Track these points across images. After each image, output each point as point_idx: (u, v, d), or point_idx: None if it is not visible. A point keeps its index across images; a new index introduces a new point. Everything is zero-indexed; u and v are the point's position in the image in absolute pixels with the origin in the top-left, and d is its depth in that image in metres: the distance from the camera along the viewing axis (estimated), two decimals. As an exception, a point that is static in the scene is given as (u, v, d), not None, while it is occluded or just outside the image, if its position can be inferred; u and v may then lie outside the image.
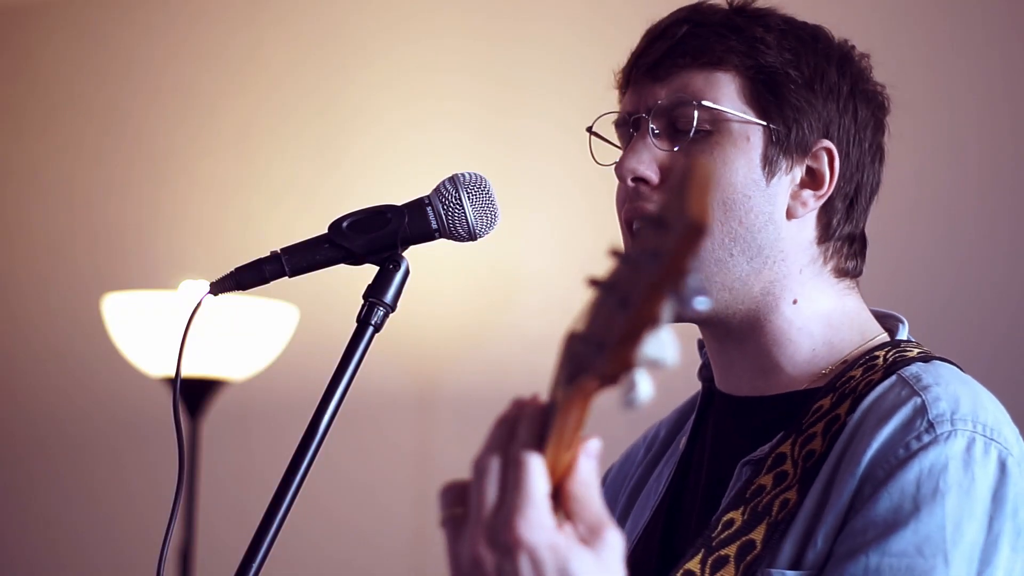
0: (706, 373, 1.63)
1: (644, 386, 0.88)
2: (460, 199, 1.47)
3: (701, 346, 1.64)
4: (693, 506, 1.55)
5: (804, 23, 1.57)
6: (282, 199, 4.03)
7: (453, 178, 1.48)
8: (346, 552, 3.83)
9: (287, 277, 1.47)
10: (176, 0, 4.33)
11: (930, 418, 1.38)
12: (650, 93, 1.54)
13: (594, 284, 0.90)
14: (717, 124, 1.51)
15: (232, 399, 3.80)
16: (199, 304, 1.46)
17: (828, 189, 1.53)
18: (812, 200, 1.53)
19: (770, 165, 1.51)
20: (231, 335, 3.46)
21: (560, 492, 0.94)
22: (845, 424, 1.42)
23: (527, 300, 3.69)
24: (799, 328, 1.53)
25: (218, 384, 3.52)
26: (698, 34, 1.52)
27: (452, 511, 0.97)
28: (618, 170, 1.54)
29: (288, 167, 4.07)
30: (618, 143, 1.60)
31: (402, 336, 3.62)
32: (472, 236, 1.49)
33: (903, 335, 1.56)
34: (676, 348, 0.86)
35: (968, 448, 1.37)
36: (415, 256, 1.48)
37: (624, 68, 1.59)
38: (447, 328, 3.75)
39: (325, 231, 1.47)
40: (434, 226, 1.47)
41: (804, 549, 1.39)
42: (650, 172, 1.51)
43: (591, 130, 1.60)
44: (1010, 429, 1.42)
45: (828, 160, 1.53)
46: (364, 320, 1.45)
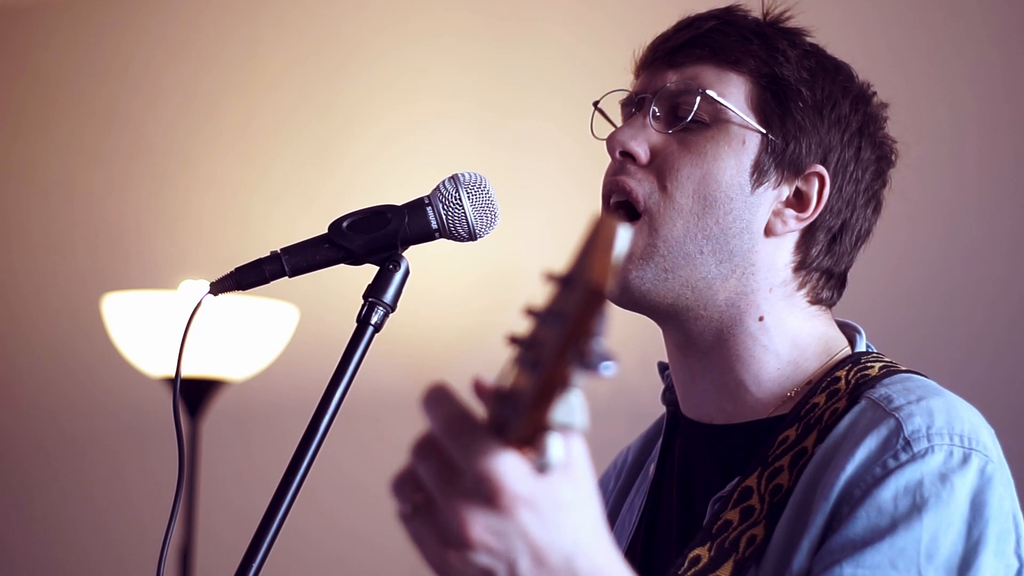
0: (670, 396, 1.62)
1: (555, 450, 0.88)
2: (460, 199, 1.47)
3: (663, 369, 1.63)
4: (669, 541, 1.54)
5: (832, 56, 1.58)
6: (282, 199, 4.03)
7: (453, 178, 1.48)
8: (346, 552, 3.83)
9: (287, 277, 1.47)
10: (176, 0, 4.33)
11: (906, 435, 1.37)
12: (661, 76, 1.54)
13: (513, 341, 0.90)
14: (717, 119, 1.51)
15: (232, 399, 3.80)
16: (199, 304, 1.46)
17: (812, 214, 1.52)
18: (793, 221, 1.52)
19: (759, 173, 1.51)
20: (231, 335, 3.46)
21: None
22: (813, 456, 1.41)
23: (527, 300, 3.68)
24: (764, 346, 1.51)
25: (218, 384, 3.52)
26: (724, 31, 1.53)
27: (412, 498, 0.95)
28: (608, 141, 1.54)
29: (288, 167, 4.07)
30: (618, 122, 1.60)
31: (402, 336, 3.62)
32: (472, 236, 1.49)
33: (861, 346, 1.55)
34: (585, 413, 0.86)
35: (946, 461, 1.36)
36: (415, 256, 1.48)
37: (645, 50, 1.59)
38: (447, 328, 3.75)
39: (325, 231, 1.47)
40: (434, 226, 1.47)
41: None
42: (639, 149, 1.52)
43: (597, 104, 1.61)
44: (987, 434, 1.41)
45: (819, 186, 1.53)
46: (364, 320, 1.45)
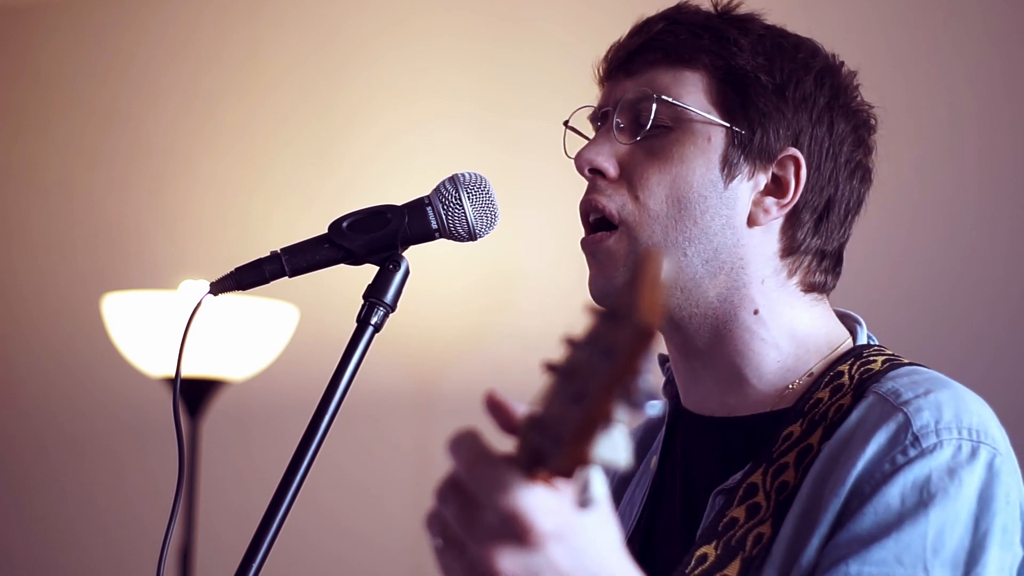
0: (671, 390, 1.61)
1: (598, 486, 0.89)
2: (460, 199, 1.47)
3: (663, 361, 1.62)
4: (671, 535, 1.53)
5: (791, 34, 1.56)
6: (282, 199, 4.03)
7: (453, 178, 1.48)
8: (346, 552, 3.83)
9: (287, 277, 1.47)
10: (176, 0, 4.33)
11: (915, 431, 1.37)
12: (620, 88, 1.54)
13: (551, 369, 0.90)
14: (678, 121, 1.50)
15: (232, 399, 3.80)
16: (199, 304, 1.46)
17: (792, 198, 1.51)
18: (775, 208, 1.51)
19: (730, 167, 1.49)
20: (231, 335, 3.46)
21: None
22: (819, 453, 1.41)
23: (527, 300, 3.69)
24: (762, 339, 1.50)
25: (218, 384, 3.52)
26: (673, 31, 1.52)
27: (442, 534, 0.95)
28: (576, 160, 1.54)
29: (288, 167, 4.07)
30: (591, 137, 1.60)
31: (402, 336, 3.63)
32: (472, 236, 1.49)
33: (863, 337, 1.54)
34: (629, 450, 0.86)
35: (954, 456, 1.36)
36: (415, 256, 1.48)
37: (601, 60, 1.59)
38: (447, 328, 3.75)
39: (325, 231, 1.47)
40: (434, 226, 1.47)
41: (786, 574, 1.37)
42: (607, 165, 1.51)
43: (568, 124, 1.61)
44: (995, 426, 1.40)
45: (794, 168, 1.51)
46: (364, 320, 1.45)
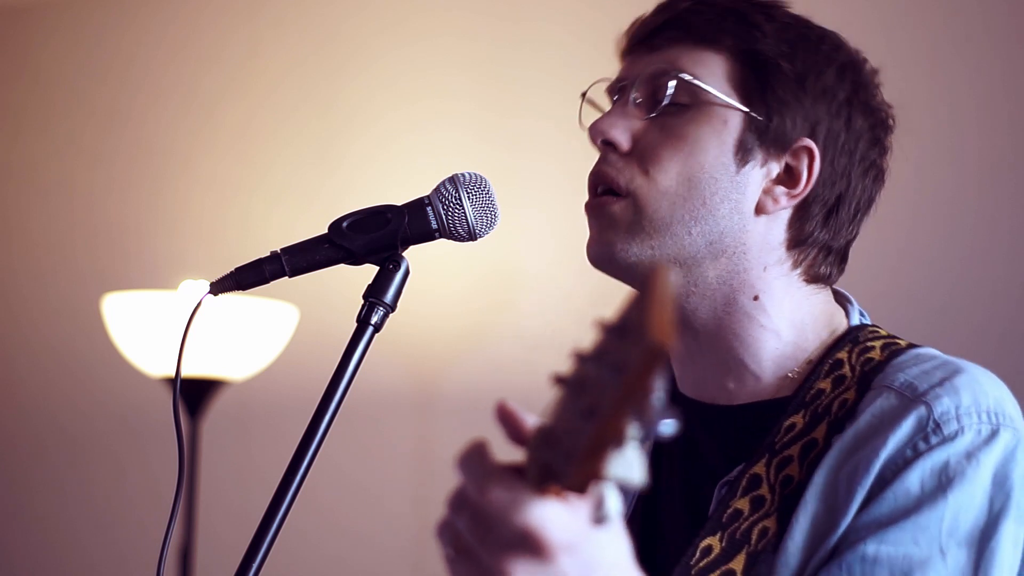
0: (666, 372, 1.62)
1: (613, 502, 0.89)
2: (460, 199, 1.47)
3: None
4: (673, 524, 1.53)
5: (816, 25, 1.55)
6: (282, 199, 4.03)
7: (453, 178, 1.48)
8: (346, 552, 3.83)
9: (287, 277, 1.47)
10: (176, 0, 4.33)
11: (936, 418, 1.37)
12: (641, 62, 1.53)
13: (560, 382, 0.90)
14: (696, 101, 1.50)
15: (232, 399, 3.80)
16: (199, 304, 1.46)
17: (803, 190, 1.50)
18: (784, 198, 1.50)
19: (743, 152, 1.49)
20: (231, 335, 3.46)
21: None
22: (827, 448, 1.41)
23: (527, 300, 3.69)
24: (761, 325, 1.50)
25: (218, 384, 3.52)
26: (699, 11, 1.52)
27: (454, 544, 0.95)
28: (590, 130, 1.53)
29: (288, 167, 4.07)
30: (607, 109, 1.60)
31: (402, 336, 3.63)
32: (472, 236, 1.49)
33: (855, 317, 1.54)
34: (643, 468, 0.86)
35: (974, 440, 1.37)
36: (415, 256, 1.48)
37: (625, 35, 1.58)
38: (447, 328, 3.75)
39: (325, 231, 1.47)
40: (434, 226, 1.47)
41: (807, 564, 1.37)
42: (621, 138, 1.51)
43: (585, 96, 1.60)
44: (1011, 403, 1.41)
45: (808, 160, 1.50)
46: (364, 320, 1.45)
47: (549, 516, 0.90)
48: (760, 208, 1.50)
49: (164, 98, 4.27)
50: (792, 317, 1.51)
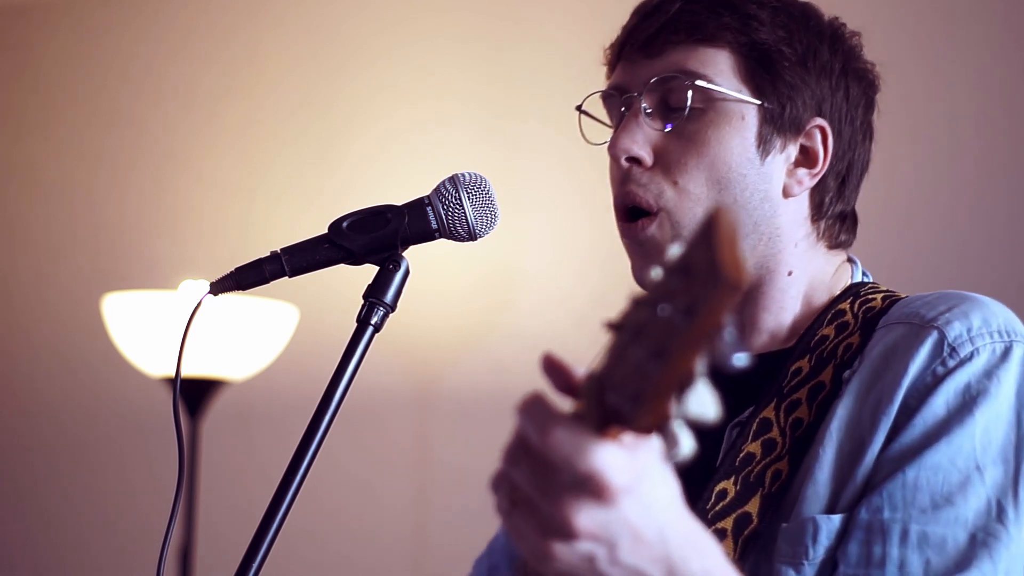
0: None
1: (687, 440, 0.89)
2: (460, 199, 1.47)
3: None
4: (684, 470, 1.54)
5: (795, 1, 1.57)
6: (282, 199, 4.03)
7: (453, 178, 1.49)
8: (346, 550, 3.83)
9: (287, 277, 1.47)
10: (177, 0, 4.33)
11: (950, 342, 1.41)
12: (643, 69, 1.53)
13: (613, 328, 0.90)
14: (711, 102, 1.50)
15: (232, 399, 3.80)
16: (199, 304, 1.46)
17: (822, 167, 1.54)
18: (807, 178, 1.54)
19: (764, 144, 1.51)
20: (231, 335, 3.46)
21: None
22: (835, 389, 1.44)
23: (527, 300, 3.69)
24: (792, 296, 1.55)
25: (218, 384, 3.52)
26: (692, 10, 1.52)
27: (511, 495, 0.95)
28: (611, 150, 1.53)
29: (288, 167, 4.07)
30: (606, 120, 1.60)
31: (402, 336, 3.63)
32: (472, 236, 1.49)
33: (858, 275, 1.59)
34: (717, 403, 0.87)
35: (990, 358, 1.40)
36: (415, 256, 1.48)
37: (614, 43, 1.58)
38: (447, 328, 3.75)
39: (325, 231, 1.47)
40: (434, 226, 1.47)
41: (837, 497, 1.39)
42: (643, 152, 1.51)
43: (580, 108, 1.60)
44: (1019, 322, 1.45)
45: (821, 138, 1.54)
46: (364, 320, 1.45)
47: (611, 458, 0.91)
48: (787, 192, 1.53)
49: (165, 98, 4.28)
50: (813, 280, 1.56)
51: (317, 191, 3.98)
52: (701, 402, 0.86)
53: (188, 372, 3.45)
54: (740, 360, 0.85)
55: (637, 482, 0.93)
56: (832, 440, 1.41)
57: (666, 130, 1.51)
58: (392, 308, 1.46)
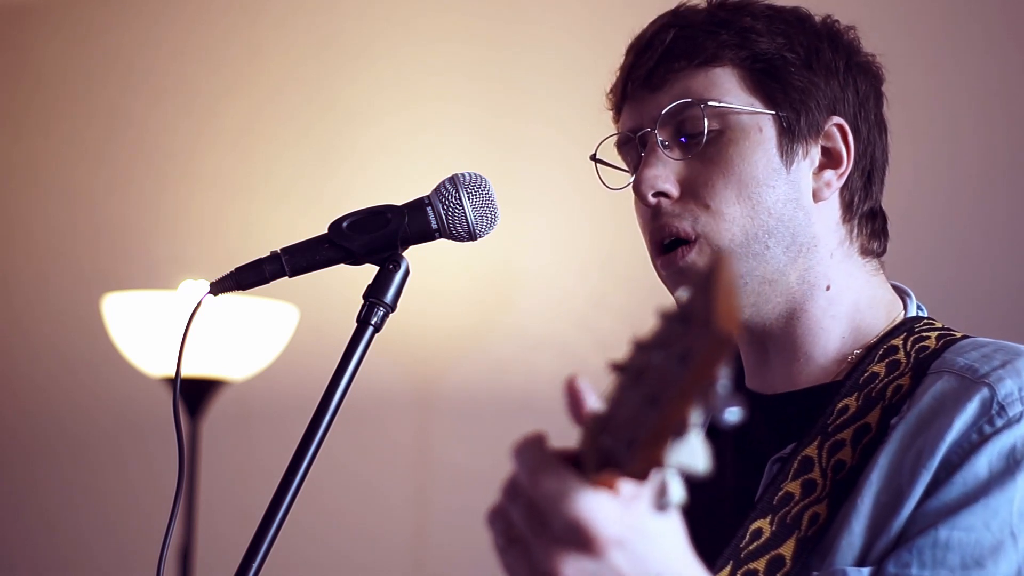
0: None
1: (676, 489, 0.89)
2: (460, 199, 1.47)
3: None
4: (722, 507, 1.52)
5: (784, 7, 1.57)
6: (283, 199, 4.03)
7: (453, 178, 1.48)
8: (347, 550, 3.83)
9: (287, 277, 1.47)
10: (177, 1, 4.33)
11: (999, 400, 1.38)
12: (650, 104, 1.52)
13: (617, 369, 0.90)
14: (726, 121, 1.50)
15: (232, 399, 3.80)
16: (199, 304, 1.46)
17: (848, 166, 1.53)
18: (835, 180, 1.53)
19: (787, 152, 1.50)
20: (231, 335, 3.46)
21: None
22: (881, 434, 1.41)
23: (527, 300, 3.69)
24: (832, 316, 1.52)
25: (218, 384, 3.52)
26: (687, 36, 1.51)
27: (506, 533, 0.95)
28: (637, 188, 1.51)
29: (289, 167, 4.07)
30: (622, 165, 1.58)
31: (402, 336, 3.63)
32: (472, 236, 1.49)
33: (912, 309, 1.56)
34: (707, 455, 0.86)
35: None
36: (415, 256, 1.48)
37: (615, 86, 1.57)
38: (447, 328, 3.75)
39: (325, 231, 1.47)
40: (434, 226, 1.47)
41: (869, 548, 1.37)
42: (669, 186, 1.50)
43: (595, 158, 1.59)
44: None
45: (841, 137, 1.53)
46: (364, 320, 1.45)
47: (599, 509, 0.90)
48: (816, 196, 1.52)
49: (165, 98, 4.28)
50: (856, 299, 1.53)
51: (317, 191, 3.98)
52: (692, 453, 0.86)
53: (188, 372, 3.45)
54: (733, 415, 0.84)
55: (629, 534, 0.92)
56: (872, 490, 1.39)
57: (688, 156, 1.50)
58: (392, 308, 1.46)
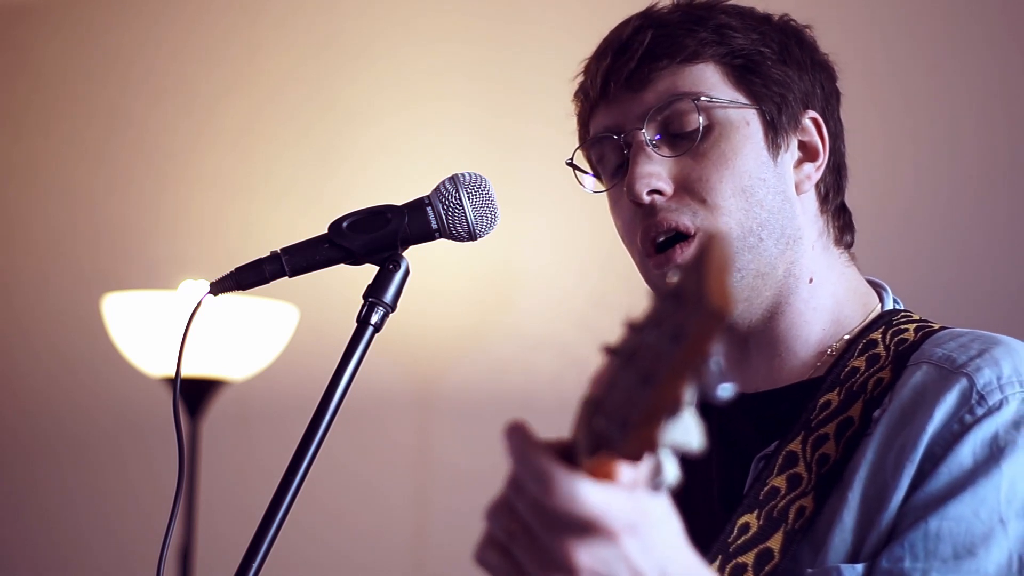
0: None
1: (671, 469, 0.89)
2: (460, 199, 1.47)
3: None
4: (708, 504, 1.53)
5: (746, 7, 1.58)
6: (282, 199, 4.03)
7: (453, 178, 1.49)
8: (347, 550, 3.83)
9: (287, 277, 1.47)
10: (177, 1, 4.33)
11: (979, 390, 1.39)
12: (633, 104, 1.52)
13: (610, 352, 0.90)
14: (715, 116, 1.50)
15: (232, 399, 3.80)
16: (199, 304, 1.46)
17: (824, 158, 1.55)
18: (814, 172, 1.55)
19: (772, 145, 1.51)
20: (231, 335, 3.46)
21: None
22: (864, 426, 1.42)
23: (527, 300, 3.69)
24: (813, 308, 1.53)
25: (218, 384, 3.52)
26: (667, 34, 1.52)
27: (509, 527, 0.95)
28: (631, 187, 1.50)
29: (289, 167, 4.07)
30: (591, 168, 1.59)
31: (402, 336, 3.63)
32: (472, 236, 1.49)
33: (889, 303, 1.57)
34: (701, 433, 0.86)
35: (1019, 408, 1.38)
36: (415, 256, 1.48)
37: (588, 88, 1.58)
38: (447, 328, 3.75)
39: (325, 231, 1.47)
40: (434, 226, 1.47)
41: (860, 544, 1.38)
42: (663, 183, 1.49)
43: (571, 163, 1.60)
44: None
45: (816, 130, 1.55)
46: (364, 320, 1.45)
47: (610, 502, 0.91)
48: (798, 188, 1.54)
49: (165, 98, 4.28)
50: (835, 291, 1.54)
51: (317, 191, 3.98)
52: (686, 431, 0.86)
53: (188, 372, 3.45)
54: (726, 391, 0.84)
55: (639, 520, 0.93)
56: (860, 484, 1.40)
57: (678, 156, 1.50)
58: (392, 308, 1.46)
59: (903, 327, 1.50)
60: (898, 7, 3.30)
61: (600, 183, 1.59)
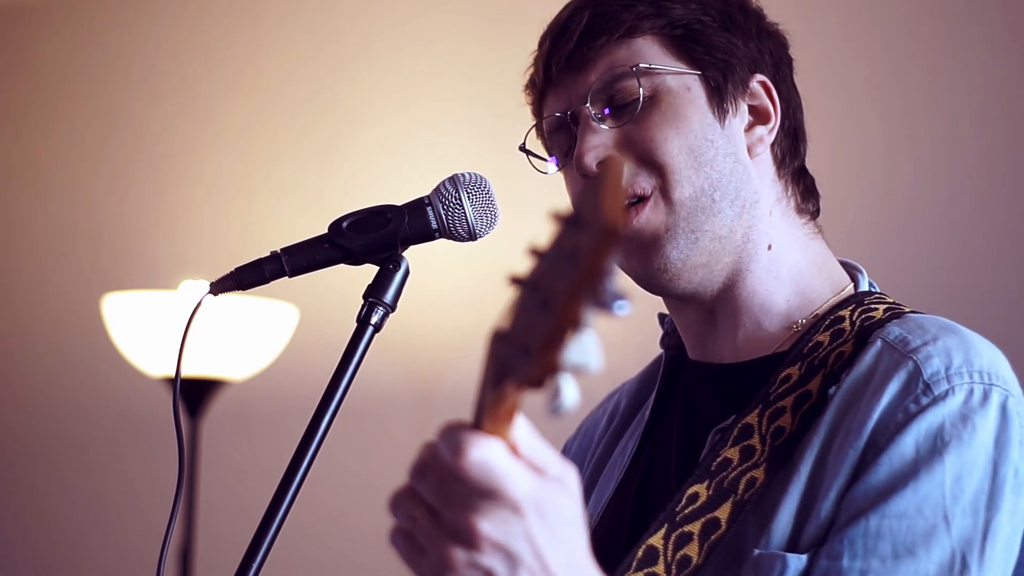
0: (670, 342, 1.62)
1: (569, 392, 0.87)
2: (460, 199, 1.47)
3: (663, 318, 1.63)
4: (666, 474, 1.53)
5: None
6: (282, 199, 4.03)
7: (453, 178, 1.49)
8: (347, 550, 3.83)
9: (287, 277, 1.47)
10: (177, 1, 4.34)
11: (925, 379, 1.36)
12: (578, 84, 1.54)
13: (516, 282, 0.90)
14: (656, 85, 1.51)
15: (232, 399, 3.80)
16: (199, 304, 1.46)
17: (776, 121, 1.55)
18: (766, 135, 1.54)
19: (718, 109, 1.52)
20: (231, 335, 3.46)
21: None
22: (822, 401, 1.41)
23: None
24: (775, 277, 1.53)
25: (218, 384, 3.52)
26: (603, 12, 1.53)
27: (412, 513, 0.98)
28: (579, 163, 1.53)
29: (289, 167, 4.07)
30: (546, 154, 1.61)
31: (402, 336, 3.63)
32: (472, 236, 1.49)
33: (864, 285, 1.56)
34: (600, 353, 0.85)
35: (966, 400, 1.35)
36: (415, 256, 1.48)
37: (535, 76, 1.60)
38: (447, 328, 3.75)
39: (325, 231, 1.47)
40: (434, 226, 1.47)
41: (801, 527, 1.36)
42: (610, 153, 1.51)
43: (524, 148, 1.62)
44: (1006, 367, 1.40)
45: (766, 93, 1.55)
46: (364, 320, 1.45)
47: (516, 469, 0.93)
48: (751, 152, 1.54)
49: (165, 98, 4.28)
50: (797, 260, 1.54)
51: (317, 191, 3.98)
52: (584, 352, 0.85)
53: (188, 372, 3.45)
54: (622, 308, 0.83)
55: (545, 502, 0.94)
56: (810, 459, 1.38)
57: (623, 126, 1.51)
58: (392, 308, 1.46)
59: (873, 306, 1.49)
60: (898, 7, 3.30)
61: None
